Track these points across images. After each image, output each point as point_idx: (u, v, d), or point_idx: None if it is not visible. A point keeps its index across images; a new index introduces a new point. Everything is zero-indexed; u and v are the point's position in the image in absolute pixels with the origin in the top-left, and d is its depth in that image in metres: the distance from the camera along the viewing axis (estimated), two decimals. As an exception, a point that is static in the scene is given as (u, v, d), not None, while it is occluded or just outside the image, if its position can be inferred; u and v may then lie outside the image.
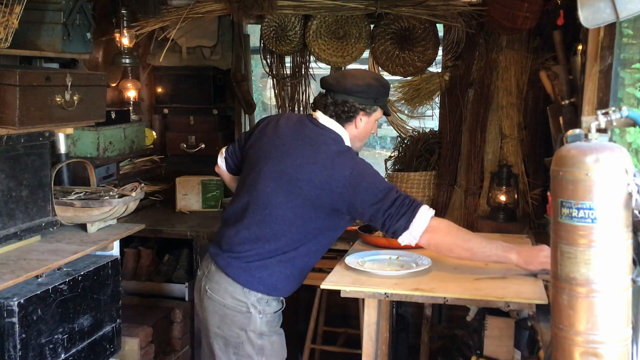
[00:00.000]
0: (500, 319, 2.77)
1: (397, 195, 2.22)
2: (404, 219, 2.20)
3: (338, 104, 2.39)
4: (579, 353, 1.38)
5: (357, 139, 2.47)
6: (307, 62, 3.99)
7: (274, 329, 2.44)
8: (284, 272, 2.39)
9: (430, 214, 2.23)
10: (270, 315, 2.41)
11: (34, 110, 2.47)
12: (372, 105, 2.41)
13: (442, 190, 3.63)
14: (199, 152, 4.25)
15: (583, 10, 1.82)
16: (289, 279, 2.42)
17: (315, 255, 2.47)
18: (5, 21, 2.32)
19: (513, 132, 3.51)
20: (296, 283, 2.49)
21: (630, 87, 2.38)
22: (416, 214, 2.20)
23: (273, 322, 2.43)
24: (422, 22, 3.61)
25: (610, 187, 1.33)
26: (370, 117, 2.44)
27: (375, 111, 2.44)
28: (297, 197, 2.31)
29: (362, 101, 2.39)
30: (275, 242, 2.35)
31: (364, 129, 2.45)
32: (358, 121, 2.42)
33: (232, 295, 2.36)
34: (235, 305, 2.36)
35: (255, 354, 2.37)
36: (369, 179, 2.26)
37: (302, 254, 2.39)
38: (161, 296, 3.74)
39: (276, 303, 2.45)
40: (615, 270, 1.35)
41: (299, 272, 2.45)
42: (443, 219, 2.34)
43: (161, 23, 3.71)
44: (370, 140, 10.98)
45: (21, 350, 2.32)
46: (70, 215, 2.90)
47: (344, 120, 2.41)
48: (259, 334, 2.37)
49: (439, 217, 2.29)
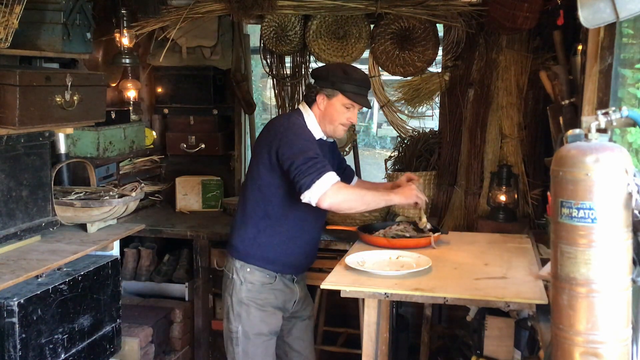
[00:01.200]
0: (500, 319, 2.77)
1: (312, 158, 2.43)
2: (308, 178, 2.39)
3: (307, 87, 2.73)
4: (579, 353, 1.38)
5: (324, 121, 2.65)
6: (307, 62, 3.99)
7: (253, 300, 2.61)
8: (254, 238, 2.60)
9: (332, 180, 2.41)
10: (251, 285, 2.61)
11: (34, 110, 2.47)
12: (329, 88, 2.60)
13: (442, 190, 3.63)
14: (199, 152, 4.25)
15: (583, 10, 1.82)
16: (261, 247, 2.60)
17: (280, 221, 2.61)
18: (5, 21, 2.32)
19: (513, 132, 3.51)
20: (275, 254, 2.62)
21: (632, 87, 2.38)
22: (320, 177, 2.39)
23: (255, 292, 2.61)
24: (422, 22, 3.60)
25: (610, 187, 1.33)
26: (332, 101, 2.62)
27: (336, 96, 2.61)
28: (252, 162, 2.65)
29: (321, 83, 2.63)
30: (241, 208, 2.66)
31: (327, 111, 2.63)
32: (319, 102, 2.63)
33: (227, 264, 2.70)
34: (226, 272, 2.68)
35: (234, 319, 2.62)
36: (294, 137, 2.51)
37: (262, 216, 2.60)
38: (161, 296, 3.75)
39: (261, 275, 2.62)
40: (615, 270, 1.36)
41: (272, 241, 2.61)
42: (345, 185, 2.52)
43: (161, 23, 3.71)
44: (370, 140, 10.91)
45: (21, 350, 2.32)
46: (70, 215, 2.90)
47: (310, 102, 2.67)
48: (238, 300, 2.61)
49: (342, 183, 2.49)
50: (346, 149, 4.06)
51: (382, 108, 3.91)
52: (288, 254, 2.65)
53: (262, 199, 2.60)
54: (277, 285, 2.64)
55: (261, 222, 2.60)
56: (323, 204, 2.40)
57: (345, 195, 2.44)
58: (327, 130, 2.67)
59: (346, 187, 2.49)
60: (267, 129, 2.63)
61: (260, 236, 2.61)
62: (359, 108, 2.66)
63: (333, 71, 2.63)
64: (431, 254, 2.55)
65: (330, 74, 2.62)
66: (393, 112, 3.87)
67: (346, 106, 2.62)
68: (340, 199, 2.42)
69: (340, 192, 2.42)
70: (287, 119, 2.63)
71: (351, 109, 2.63)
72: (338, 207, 2.46)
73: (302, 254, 2.71)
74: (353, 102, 2.61)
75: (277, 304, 2.65)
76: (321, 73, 2.67)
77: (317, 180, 2.37)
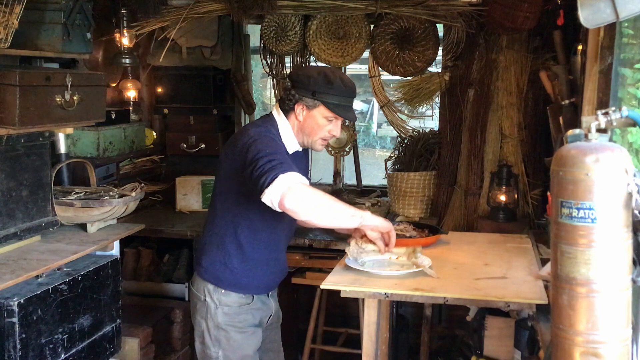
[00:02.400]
0: (500, 319, 2.77)
1: (278, 159, 2.10)
2: (271, 173, 2.04)
3: (284, 91, 2.39)
4: (579, 353, 1.38)
5: (302, 133, 2.39)
6: (307, 62, 3.99)
7: (232, 324, 2.40)
8: (224, 263, 2.38)
9: (298, 179, 2.06)
10: (228, 308, 2.39)
11: (34, 110, 2.47)
12: (310, 98, 2.31)
13: (442, 190, 3.63)
14: (199, 152, 4.25)
15: (583, 10, 1.82)
16: (233, 273, 2.38)
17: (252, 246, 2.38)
18: (5, 21, 2.32)
19: (513, 132, 3.51)
20: (248, 280, 2.41)
21: (631, 87, 2.38)
22: (285, 173, 2.04)
23: (232, 315, 2.40)
24: (422, 22, 3.60)
25: (610, 187, 1.33)
26: (312, 112, 2.34)
27: (317, 107, 2.33)
28: (219, 178, 2.42)
29: (301, 92, 2.32)
30: (210, 226, 2.44)
31: (306, 123, 2.35)
32: (298, 113, 2.35)
33: (195, 284, 2.46)
34: (196, 293, 2.45)
35: (212, 345, 2.42)
36: (259, 143, 2.18)
37: (232, 239, 2.37)
38: (161, 296, 3.75)
39: (237, 296, 2.40)
40: (615, 270, 1.35)
41: (244, 267, 2.39)
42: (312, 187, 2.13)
43: (161, 23, 3.71)
44: (370, 140, 10.88)
45: (21, 350, 2.32)
46: (70, 215, 2.90)
47: (287, 110, 2.38)
48: (216, 325, 2.40)
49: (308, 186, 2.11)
50: (346, 149, 4.07)
51: (382, 108, 3.91)
52: (261, 277, 2.45)
53: (232, 220, 2.36)
54: (255, 304, 2.44)
55: (231, 246, 2.38)
56: (285, 204, 2.02)
57: (312, 196, 2.07)
58: (303, 142, 2.42)
59: (314, 189, 2.10)
60: (233, 145, 2.30)
61: (232, 261, 2.39)
62: (342, 120, 2.39)
63: (315, 79, 2.31)
64: (431, 254, 2.55)
65: (311, 81, 2.31)
66: (393, 112, 3.88)
67: (328, 119, 2.33)
68: (305, 199, 2.05)
69: (306, 191, 2.06)
70: (256, 131, 2.28)
71: (334, 122, 2.35)
72: (302, 209, 2.05)
73: (278, 272, 2.55)
74: (336, 115, 2.32)
75: (255, 323, 2.46)
76: (301, 79, 2.34)
77: (281, 175, 2.02)
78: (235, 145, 2.27)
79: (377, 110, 10.46)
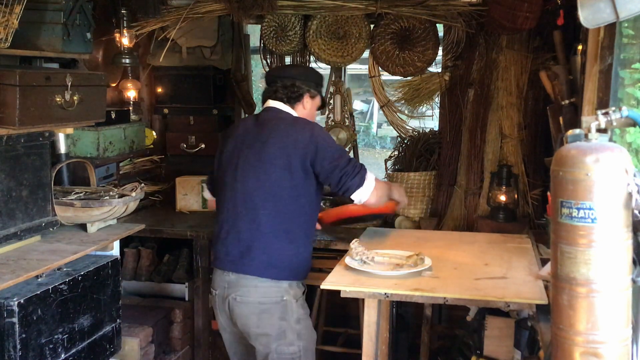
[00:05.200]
0: (500, 319, 2.78)
1: (351, 157, 2.53)
2: (358, 177, 2.46)
3: (287, 87, 2.64)
4: (579, 353, 1.39)
5: None
6: (307, 62, 3.98)
7: (305, 313, 2.59)
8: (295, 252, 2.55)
9: (374, 175, 2.54)
10: (302, 299, 2.59)
11: (34, 110, 2.47)
12: (314, 89, 2.69)
13: (442, 190, 3.63)
14: (199, 152, 4.25)
15: (583, 10, 1.82)
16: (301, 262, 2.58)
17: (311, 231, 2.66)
18: (5, 21, 2.32)
19: (513, 132, 3.51)
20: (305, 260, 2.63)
21: (630, 87, 2.38)
22: (367, 174, 2.50)
23: (304, 305, 2.60)
24: (422, 22, 3.61)
25: (610, 187, 1.33)
26: (314, 101, 2.71)
27: (316, 97, 2.71)
28: (273, 172, 2.49)
29: (307, 83, 2.67)
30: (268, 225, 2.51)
31: (309, 111, 2.69)
32: (305, 102, 2.67)
33: (264, 290, 2.50)
34: (270, 299, 2.49)
35: (296, 340, 2.51)
36: (327, 139, 2.53)
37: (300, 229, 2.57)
38: (161, 296, 3.74)
39: (300, 286, 2.61)
40: (615, 270, 1.36)
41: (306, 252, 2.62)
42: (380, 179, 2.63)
43: (161, 23, 3.71)
44: (370, 140, 10.90)
45: (21, 350, 2.32)
46: (70, 215, 2.90)
47: (293, 101, 2.65)
48: (297, 319, 2.53)
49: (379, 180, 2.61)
50: (346, 149, 4.07)
51: (382, 108, 3.91)
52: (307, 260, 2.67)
53: (299, 211, 2.55)
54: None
55: (300, 236, 2.57)
56: (371, 200, 2.51)
57: (384, 188, 2.59)
58: None
59: (382, 181, 2.65)
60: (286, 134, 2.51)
61: (302, 251, 2.58)
62: None
63: (311, 72, 2.77)
64: (431, 254, 2.55)
65: (309, 74, 2.73)
66: (393, 112, 3.88)
67: (318, 107, 2.75)
68: (381, 192, 2.55)
69: (382, 186, 2.57)
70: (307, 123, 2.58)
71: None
72: (380, 201, 2.56)
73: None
74: (322, 106, 2.77)
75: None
76: (301, 72, 2.75)
77: (367, 177, 2.48)
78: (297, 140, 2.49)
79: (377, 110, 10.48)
